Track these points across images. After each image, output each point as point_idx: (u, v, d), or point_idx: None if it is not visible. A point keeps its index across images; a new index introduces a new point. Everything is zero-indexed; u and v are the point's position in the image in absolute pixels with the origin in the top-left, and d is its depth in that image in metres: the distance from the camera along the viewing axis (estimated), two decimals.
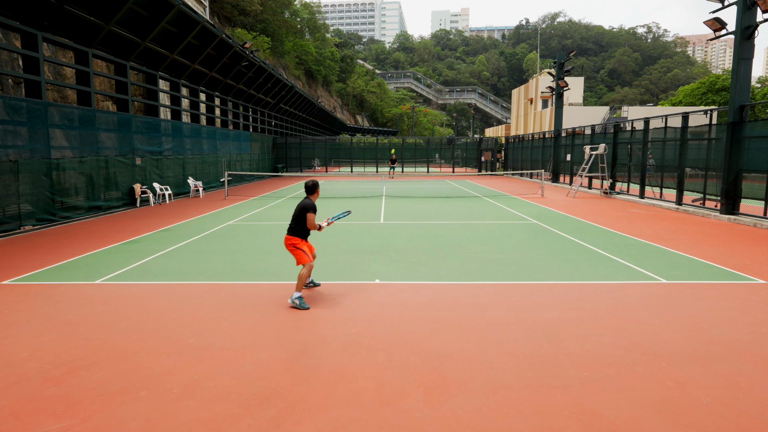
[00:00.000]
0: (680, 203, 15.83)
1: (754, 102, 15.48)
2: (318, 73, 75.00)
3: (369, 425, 3.41)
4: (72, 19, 13.37)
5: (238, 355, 4.56)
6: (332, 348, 4.75)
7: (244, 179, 29.05)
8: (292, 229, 6.32)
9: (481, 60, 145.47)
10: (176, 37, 18.16)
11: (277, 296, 6.40)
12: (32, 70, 12.34)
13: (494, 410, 3.60)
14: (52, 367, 4.31)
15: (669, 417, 3.51)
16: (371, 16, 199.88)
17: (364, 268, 7.94)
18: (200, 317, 5.59)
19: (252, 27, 51.80)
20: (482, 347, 4.75)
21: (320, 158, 45.51)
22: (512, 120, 67.62)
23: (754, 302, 6.16)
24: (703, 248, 9.58)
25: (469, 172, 43.05)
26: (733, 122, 13.53)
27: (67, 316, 5.61)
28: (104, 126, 14.95)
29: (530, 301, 6.18)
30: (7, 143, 11.09)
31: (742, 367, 4.31)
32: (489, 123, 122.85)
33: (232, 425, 3.40)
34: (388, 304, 6.06)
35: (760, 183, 12.93)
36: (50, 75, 18.32)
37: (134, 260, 8.43)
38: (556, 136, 28.27)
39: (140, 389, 3.91)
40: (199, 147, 22.39)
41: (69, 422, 3.44)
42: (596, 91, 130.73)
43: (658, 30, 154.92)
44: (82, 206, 13.77)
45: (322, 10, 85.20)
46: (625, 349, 4.69)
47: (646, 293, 6.53)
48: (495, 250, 9.33)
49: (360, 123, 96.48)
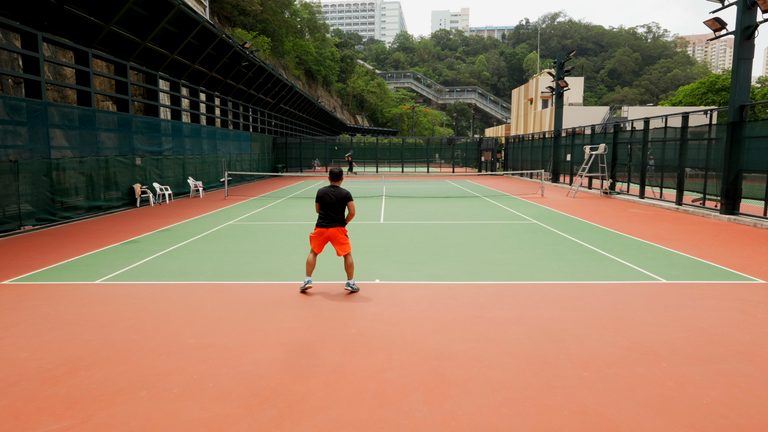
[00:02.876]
0: (680, 203, 15.83)
1: (754, 102, 15.48)
2: (318, 73, 74.98)
3: (369, 425, 3.41)
4: (72, 19, 13.37)
5: (238, 355, 4.56)
6: (332, 348, 4.74)
7: (244, 179, 29.05)
8: (339, 219, 6.35)
9: (481, 60, 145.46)
10: (176, 37, 18.16)
11: (277, 296, 6.40)
12: (32, 70, 12.33)
13: (494, 410, 3.60)
14: (52, 367, 4.31)
15: (669, 417, 3.51)
16: (371, 16, 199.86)
17: (364, 268, 7.94)
18: (200, 317, 5.59)
19: (252, 27, 51.78)
20: (482, 347, 4.75)
21: (320, 158, 45.51)
22: (512, 120, 67.62)
23: (754, 302, 6.16)
24: (703, 248, 9.58)
25: (469, 172, 43.05)
26: (733, 122, 13.53)
27: (67, 316, 5.61)
28: (104, 126, 14.95)
29: (530, 301, 6.18)
30: (7, 143, 11.09)
31: (742, 367, 4.31)
32: (489, 123, 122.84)
33: (232, 425, 3.40)
34: (388, 304, 6.06)
35: (760, 183, 12.93)
36: (50, 75, 18.31)
37: (134, 260, 8.43)
38: (556, 136, 28.27)
39: (140, 389, 3.91)
40: (199, 147, 22.39)
41: (69, 422, 3.44)
42: (596, 91, 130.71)
43: (658, 30, 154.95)
44: (82, 206, 13.77)
45: (322, 10, 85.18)
46: (625, 349, 4.69)
47: (646, 293, 6.53)
48: (495, 250, 9.33)
49: (360, 123, 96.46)
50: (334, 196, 6.32)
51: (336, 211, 6.30)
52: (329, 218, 6.31)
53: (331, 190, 6.38)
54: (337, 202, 6.30)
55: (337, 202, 6.31)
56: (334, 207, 6.30)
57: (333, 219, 6.30)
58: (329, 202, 6.33)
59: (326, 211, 6.32)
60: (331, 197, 6.32)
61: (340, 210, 6.32)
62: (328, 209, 6.32)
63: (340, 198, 6.31)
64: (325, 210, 6.34)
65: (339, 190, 6.37)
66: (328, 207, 6.32)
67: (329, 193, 6.35)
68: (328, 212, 6.32)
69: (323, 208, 6.37)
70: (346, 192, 6.35)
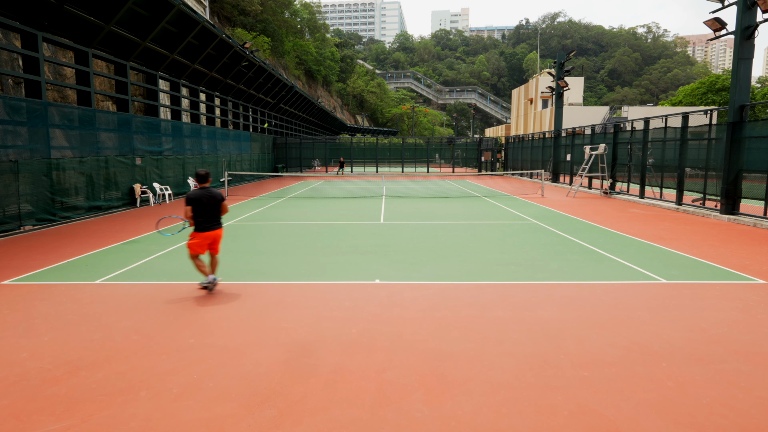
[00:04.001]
0: (680, 203, 15.83)
1: (754, 102, 15.48)
2: (318, 73, 74.99)
3: (369, 425, 3.41)
4: (72, 19, 13.37)
5: (238, 355, 4.56)
6: (332, 348, 4.74)
7: (244, 179, 29.06)
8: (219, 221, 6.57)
9: (481, 60, 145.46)
10: (176, 37, 18.16)
11: (278, 296, 6.40)
12: (32, 70, 12.34)
13: (494, 410, 3.60)
14: (52, 367, 4.31)
15: (669, 417, 3.51)
16: (371, 16, 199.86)
17: (364, 268, 7.94)
18: (200, 317, 5.59)
19: (252, 27, 51.79)
20: (482, 347, 4.75)
21: (320, 158, 45.52)
22: (512, 120, 67.62)
23: (754, 302, 6.16)
24: (703, 248, 9.58)
25: (469, 172, 43.04)
26: (733, 122, 13.53)
27: (67, 316, 5.61)
28: (104, 126, 14.95)
29: (530, 301, 6.18)
30: (7, 143, 11.09)
31: (742, 367, 4.31)
32: (489, 123, 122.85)
33: (232, 425, 3.40)
34: (388, 304, 6.06)
35: (760, 183, 12.93)
36: (50, 75, 18.31)
37: (134, 260, 8.43)
38: (556, 136, 28.27)
39: (140, 389, 3.91)
40: (199, 147, 22.40)
41: (69, 422, 3.44)
42: (596, 91, 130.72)
43: (658, 30, 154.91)
44: (82, 206, 13.77)
45: (322, 10, 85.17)
46: (625, 349, 4.69)
47: (646, 293, 6.53)
48: (495, 250, 9.33)
49: (360, 123, 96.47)
50: (208, 198, 6.43)
51: (215, 212, 6.47)
52: (211, 221, 6.46)
53: (204, 193, 6.44)
54: (214, 204, 6.46)
55: (214, 203, 6.45)
56: (211, 209, 6.44)
57: (215, 221, 6.49)
58: (206, 204, 6.42)
59: (205, 214, 6.41)
60: (206, 200, 6.42)
61: (218, 211, 6.50)
62: (206, 212, 6.42)
63: (216, 200, 6.46)
64: (204, 213, 6.41)
65: (211, 191, 6.48)
66: (206, 210, 6.41)
67: (204, 196, 6.42)
68: (208, 215, 6.43)
69: (201, 212, 6.39)
70: (219, 192, 6.51)
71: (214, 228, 6.49)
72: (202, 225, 6.41)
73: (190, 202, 6.36)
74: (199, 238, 6.43)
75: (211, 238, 6.50)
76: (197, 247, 6.47)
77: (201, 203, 6.36)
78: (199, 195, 6.38)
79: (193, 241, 6.46)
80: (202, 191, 6.42)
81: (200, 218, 6.39)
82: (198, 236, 6.43)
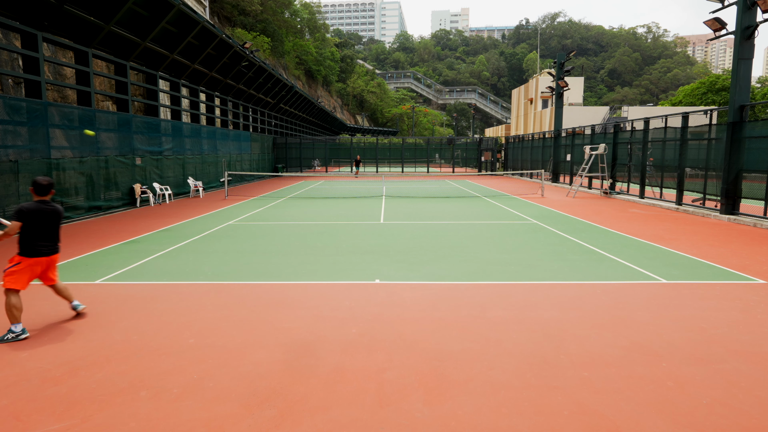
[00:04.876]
0: (680, 203, 15.83)
1: (754, 102, 15.48)
2: (318, 73, 75.00)
3: (369, 425, 3.41)
4: (72, 19, 13.37)
5: (238, 355, 4.56)
6: (332, 348, 4.74)
7: (244, 179, 29.06)
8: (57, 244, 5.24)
9: (481, 60, 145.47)
10: (176, 37, 18.16)
11: (278, 296, 6.40)
12: (32, 70, 12.34)
13: (494, 410, 3.60)
14: (52, 367, 4.31)
15: (669, 417, 3.51)
16: (371, 16, 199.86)
17: (364, 268, 7.94)
18: (200, 317, 5.59)
19: (252, 27, 51.79)
20: (482, 347, 4.75)
21: (320, 158, 45.51)
22: (512, 120, 67.61)
23: (754, 302, 6.16)
24: (703, 248, 9.58)
25: (469, 172, 43.05)
26: (733, 122, 13.53)
27: (68, 316, 5.61)
28: (104, 126, 14.96)
29: (530, 301, 6.18)
30: (7, 143, 11.09)
31: (742, 367, 4.31)
32: (489, 123, 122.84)
33: (232, 425, 3.40)
34: (388, 304, 6.06)
35: (760, 183, 12.93)
36: (50, 75, 18.31)
37: (134, 260, 8.43)
38: (556, 136, 28.27)
39: (140, 389, 3.91)
40: (199, 147, 22.39)
41: (69, 422, 3.44)
42: (596, 91, 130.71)
43: (658, 30, 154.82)
44: (82, 206, 13.77)
45: (322, 10, 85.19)
46: (625, 349, 4.69)
47: (646, 293, 6.53)
48: (495, 250, 9.33)
49: (360, 123, 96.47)
50: (50, 215, 5.09)
51: (55, 232, 5.18)
52: (51, 242, 5.15)
53: (45, 207, 5.06)
54: (54, 221, 5.14)
55: (54, 220, 5.14)
56: (51, 228, 5.12)
57: (54, 244, 5.20)
58: (46, 221, 5.07)
59: (43, 233, 5.05)
60: (44, 216, 5.04)
61: (57, 231, 5.19)
62: (45, 231, 5.07)
63: (58, 217, 5.18)
64: (41, 232, 5.04)
65: (53, 206, 5.14)
66: (44, 229, 5.06)
67: (44, 211, 5.04)
68: (46, 235, 5.09)
69: (37, 231, 5.00)
70: (61, 208, 5.22)
71: (50, 253, 5.15)
72: (35, 247, 5.00)
73: (21, 216, 4.89)
74: (27, 264, 4.99)
75: (44, 264, 5.13)
76: (20, 279, 4.96)
77: (36, 219, 4.97)
78: (34, 208, 4.97)
79: (16, 268, 4.97)
80: (39, 204, 5.02)
81: (33, 237, 4.99)
82: (26, 262, 4.99)
